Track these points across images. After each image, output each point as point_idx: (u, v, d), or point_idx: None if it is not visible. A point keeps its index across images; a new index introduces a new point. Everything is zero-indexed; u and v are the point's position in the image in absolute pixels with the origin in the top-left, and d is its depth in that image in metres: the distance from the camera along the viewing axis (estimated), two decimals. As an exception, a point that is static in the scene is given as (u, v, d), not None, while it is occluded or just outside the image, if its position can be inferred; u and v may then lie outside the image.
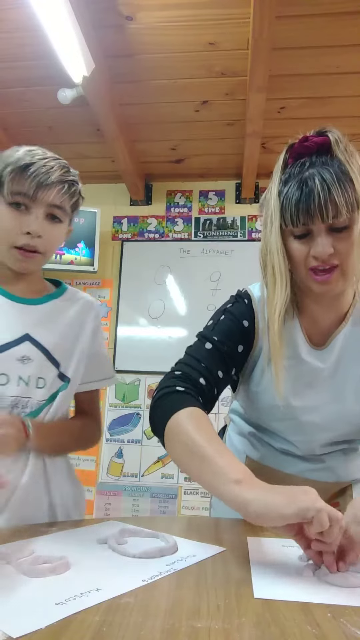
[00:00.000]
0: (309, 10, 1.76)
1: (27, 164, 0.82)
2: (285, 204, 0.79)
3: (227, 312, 0.92)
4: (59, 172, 0.85)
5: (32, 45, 1.97)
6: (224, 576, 0.59)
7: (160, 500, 2.73)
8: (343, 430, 0.92)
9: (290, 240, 0.81)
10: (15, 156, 0.83)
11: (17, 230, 0.83)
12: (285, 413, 0.91)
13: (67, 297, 0.98)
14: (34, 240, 0.84)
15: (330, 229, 0.77)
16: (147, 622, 0.45)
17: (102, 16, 1.83)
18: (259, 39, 1.76)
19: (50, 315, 0.92)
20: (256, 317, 0.91)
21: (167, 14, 1.82)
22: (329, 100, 2.29)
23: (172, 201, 3.15)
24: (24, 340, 0.87)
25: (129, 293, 2.98)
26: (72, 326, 0.95)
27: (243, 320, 0.90)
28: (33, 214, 0.83)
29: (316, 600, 0.51)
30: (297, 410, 0.90)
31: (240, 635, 0.43)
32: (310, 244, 0.78)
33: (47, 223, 0.85)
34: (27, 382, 0.86)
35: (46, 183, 0.82)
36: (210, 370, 0.85)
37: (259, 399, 0.94)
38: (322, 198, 0.74)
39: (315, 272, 0.79)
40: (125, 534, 0.74)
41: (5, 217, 0.83)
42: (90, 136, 2.66)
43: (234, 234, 3.04)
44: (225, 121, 2.50)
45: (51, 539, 0.74)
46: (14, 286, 0.90)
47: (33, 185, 0.82)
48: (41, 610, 0.47)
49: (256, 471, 0.67)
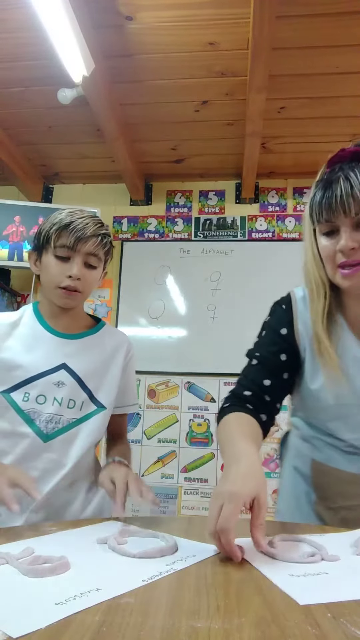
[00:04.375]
0: (309, 10, 1.76)
1: (68, 222, 1.01)
2: (312, 205, 0.84)
3: (265, 326, 1.01)
4: (93, 227, 1.03)
5: (32, 45, 1.97)
6: (224, 576, 0.58)
7: (161, 500, 2.73)
8: None
9: (320, 241, 0.85)
10: (59, 217, 1.03)
11: (62, 275, 1.02)
12: (338, 411, 0.93)
13: (103, 333, 1.15)
14: (74, 282, 1.02)
15: (356, 225, 0.80)
16: (147, 622, 0.45)
17: (102, 16, 1.83)
18: (259, 39, 1.76)
19: (85, 349, 1.09)
20: (295, 321, 0.96)
21: (167, 14, 1.82)
22: (329, 100, 2.29)
23: (172, 201, 3.15)
24: (60, 369, 1.04)
25: (129, 293, 2.98)
26: (104, 359, 1.11)
27: (281, 329, 0.97)
28: (74, 261, 1.02)
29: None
30: (349, 408, 0.91)
31: (240, 635, 0.43)
32: (337, 241, 0.82)
33: (84, 268, 1.03)
34: (60, 402, 1.03)
35: (83, 237, 1.01)
36: (254, 381, 0.94)
37: (312, 399, 0.96)
38: (345, 192, 0.78)
39: (342, 267, 0.82)
40: (125, 534, 0.74)
41: (52, 265, 1.03)
42: (90, 136, 2.66)
43: (234, 234, 3.04)
44: (225, 121, 2.50)
45: (51, 539, 0.74)
46: (59, 321, 1.09)
47: (73, 239, 1.00)
48: (41, 610, 0.47)
49: (323, 473, 0.70)
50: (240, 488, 0.64)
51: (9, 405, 1.01)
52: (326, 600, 0.50)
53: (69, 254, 1.02)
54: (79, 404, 1.05)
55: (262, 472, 0.70)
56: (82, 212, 1.06)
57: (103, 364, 1.10)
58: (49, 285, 1.04)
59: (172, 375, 2.85)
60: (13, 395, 1.01)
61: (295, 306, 0.97)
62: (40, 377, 1.03)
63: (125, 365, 1.15)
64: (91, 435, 1.06)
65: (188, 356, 2.81)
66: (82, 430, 1.05)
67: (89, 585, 0.53)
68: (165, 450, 2.80)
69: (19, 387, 1.02)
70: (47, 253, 1.03)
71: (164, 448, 2.81)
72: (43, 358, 1.04)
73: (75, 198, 3.18)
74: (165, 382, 2.87)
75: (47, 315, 1.09)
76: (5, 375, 1.02)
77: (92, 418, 1.06)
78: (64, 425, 1.03)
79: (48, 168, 3.07)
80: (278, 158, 2.80)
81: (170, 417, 2.84)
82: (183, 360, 2.81)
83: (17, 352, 1.04)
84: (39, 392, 1.02)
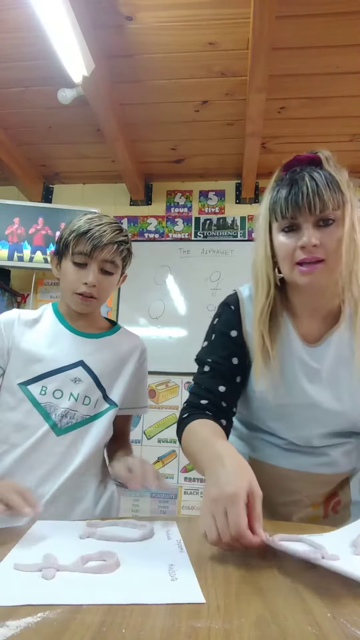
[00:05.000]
0: (309, 10, 1.76)
1: (86, 230, 1.03)
2: (276, 201, 0.85)
3: (215, 330, 0.99)
4: (110, 235, 1.04)
5: (32, 45, 1.97)
6: (224, 576, 0.58)
7: (160, 500, 2.73)
8: (338, 426, 0.93)
9: (278, 237, 0.86)
10: (78, 224, 1.05)
11: (78, 281, 1.04)
12: (280, 411, 0.93)
13: (119, 335, 1.19)
14: (90, 289, 1.04)
15: (317, 224, 0.81)
16: (147, 622, 0.45)
17: (102, 16, 1.83)
18: (259, 39, 1.76)
19: (102, 348, 1.12)
20: (243, 322, 0.96)
21: (167, 14, 1.82)
22: (329, 100, 2.29)
23: (172, 201, 3.15)
24: (78, 365, 1.07)
25: (129, 293, 2.98)
26: (119, 360, 1.14)
27: (230, 331, 0.96)
28: (90, 268, 1.04)
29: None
30: (290, 408, 0.92)
31: (240, 635, 0.43)
32: (298, 237, 0.83)
33: (101, 275, 1.05)
34: (76, 398, 1.05)
35: (100, 244, 1.02)
36: (209, 390, 0.93)
37: (255, 399, 0.96)
38: (311, 191, 0.80)
39: (301, 264, 0.83)
40: (98, 526, 0.78)
41: (69, 271, 1.05)
42: (90, 136, 2.66)
43: (234, 234, 3.04)
44: (225, 121, 2.50)
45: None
46: (77, 322, 1.12)
47: (89, 247, 1.02)
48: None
49: (257, 469, 0.69)
50: (237, 488, 0.63)
51: (25, 397, 1.03)
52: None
53: (85, 261, 1.04)
54: (93, 401, 1.07)
55: (247, 464, 0.70)
56: (101, 218, 1.08)
57: (117, 365, 1.13)
58: (66, 291, 1.07)
59: (172, 375, 2.85)
60: (30, 388, 1.04)
61: (243, 306, 0.97)
62: (58, 372, 1.05)
63: (139, 367, 1.18)
64: (102, 432, 1.08)
65: (188, 356, 2.78)
66: (94, 427, 1.07)
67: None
68: (165, 450, 2.80)
69: (37, 380, 1.04)
70: (66, 259, 1.06)
71: (164, 448, 2.81)
72: (62, 354, 1.07)
73: (76, 198, 3.18)
74: (165, 382, 2.87)
75: (66, 316, 1.13)
76: (24, 367, 1.05)
77: (104, 416, 1.09)
78: (77, 421, 1.05)
79: (48, 168, 3.07)
80: (278, 158, 2.77)
81: (170, 417, 2.84)
82: (183, 360, 2.80)
83: (37, 346, 1.07)
84: (56, 387, 1.04)
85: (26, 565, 0.59)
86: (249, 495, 0.64)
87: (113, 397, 1.11)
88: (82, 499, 1.05)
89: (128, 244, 1.11)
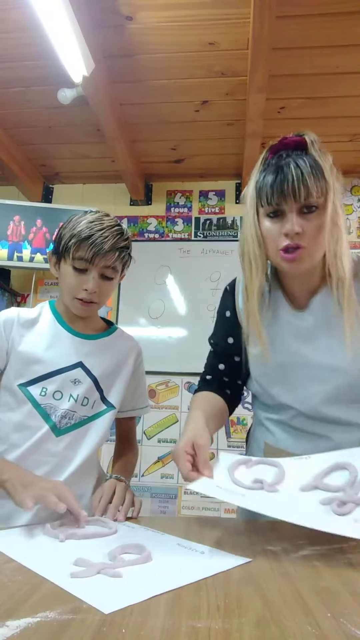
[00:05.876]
0: (309, 10, 1.76)
1: (87, 236, 1.02)
2: (262, 187, 0.88)
3: (217, 313, 1.11)
4: (112, 241, 1.03)
5: (32, 45, 1.97)
6: (224, 576, 0.59)
7: (161, 500, 2.73)
8: (337, 384, 0.94)
9: (264, 222, 0.89)
10: (79, 228, 1.03)
11: (78, 287, 1.04)
12: (278, 374, 0.98)
13: (115, 336, 1.19)
14: (90, 294, 1.04)
15: (301, 211, 0.85)
16: (147, 622, 0.45)
17: (102, 16, 1.83)
18: (259, 39, 1.76)
19: (99, 350, 1.13)
20: (236, 301, 1.05)
21: (167, 14, 1.82)
22: (329, 100, 2.29)
23: (172, 201, 3.15)
24: (77, 367, 1.08)
25: (129, 293, 2.98)
26: (116, 361, 1.15)
27: (225, 312, 1.08)
28: (90, 274, 1.04)
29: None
30: (286, 368, 0.96)
31: (240, 635, 0.43)
32: (282, 224, 0.86)
33: (101, 281, 1.05)
34: (76, 399, 1.06)
35: (101, 252, 1.02)
36: (212, 367, 1.10)
37: (255, 368, 1.02)
38: (296, 179, 0.83)
39: (285, 250, 0.86)
40: (68, 523, 0.81)
41: (69, 275, 1.05)
42: (90, 136, 2.66)
43: (234, 234, 3.04)
44: (225, 121, 2.50)
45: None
46: (75, 323, 1.13)
47: (90, 254, 1.01)
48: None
49: (272, 454, 0.79)
50: (176, 449, 0.81)
51: (25, 398, 1.04)
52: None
53: (86, 267, 1.03)
54: (91, 402, 1.09)
55: (198, 425, 0.87)
56: (103, 222, 1.05)
57: (115, 366, 1.14)
58: (66, 294, 1.07)
59: (172, 375, 2.85)
60: (30, 389, 1.04)
61: (237, 288, 1.05)
62: (58, 373, 1.06)
63: (135, 369, 1.20)
64: (99, 433, 1.09)
65: (188, 356, 2.80)
66: (92, 428, 1.08)
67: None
68: (165, 450, 2.80)
69: (38, 382, 1.05)
70: (66, 262, 1.05)
71: (164, 448, 2.81)
72: (61, 355, 1.08)
73: (76, 198, 3.18)
74: (165, 382, 2.87)
75: (64, 316, 1.13)
76: (24, 368, 1.05)
77: (101, 417, 1.10)
78: (76, 422, 1.06)
79: (48, 168, 3.07)
80: (278, 158, 2.79)
81: (170, 417, 2.84)
82: (183, 360, 2.81)
83: (37, 347, 1.07)
84: (56, 388, 1.05)
85: (84, 571, 0.58)
86: (195, 448, 0.80)
87: (110, 399, 1.11)
88: (80, 499, 1.04)
89: (129, 249, 1.10)
